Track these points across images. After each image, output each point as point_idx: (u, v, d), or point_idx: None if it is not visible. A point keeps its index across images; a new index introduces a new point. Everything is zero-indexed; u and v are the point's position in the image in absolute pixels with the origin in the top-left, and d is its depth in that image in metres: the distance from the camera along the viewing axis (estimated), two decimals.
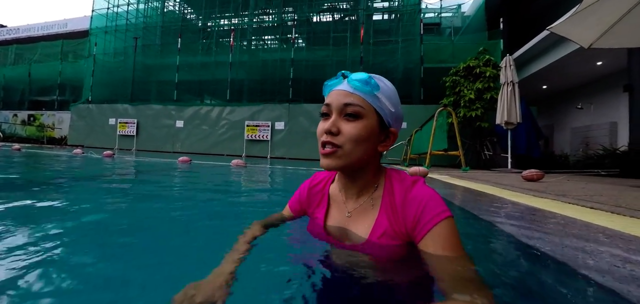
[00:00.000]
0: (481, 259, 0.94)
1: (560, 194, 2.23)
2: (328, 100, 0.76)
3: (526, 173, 3.64)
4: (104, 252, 0.90)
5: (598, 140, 9.97)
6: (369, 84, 0.73)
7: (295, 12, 14.29)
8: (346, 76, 0.77)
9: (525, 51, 10.25)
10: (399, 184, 0.76)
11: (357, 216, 0.80)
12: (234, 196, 2.44)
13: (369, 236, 0.76)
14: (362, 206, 0.80)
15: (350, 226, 0.81)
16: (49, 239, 0.95)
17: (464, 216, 1.65)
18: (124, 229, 1.18)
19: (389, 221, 0.74)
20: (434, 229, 0.67)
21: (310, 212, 0.93)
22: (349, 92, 0.74)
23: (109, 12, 15.95)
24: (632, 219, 1.33)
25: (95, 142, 13.99)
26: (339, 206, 0.85)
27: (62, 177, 3.09)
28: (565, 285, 0.71)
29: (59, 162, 4.89)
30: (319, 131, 0.76)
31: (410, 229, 0.70)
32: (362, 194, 0.81)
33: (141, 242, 1.01)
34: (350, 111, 0.73)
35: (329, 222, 0.86)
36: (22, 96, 19.14)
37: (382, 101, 0.75)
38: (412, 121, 10.22)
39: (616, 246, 0.91)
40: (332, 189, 0.89)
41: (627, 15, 3.82)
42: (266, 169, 5.94)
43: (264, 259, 0.75)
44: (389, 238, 0.73)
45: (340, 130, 0.73)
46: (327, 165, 0.75)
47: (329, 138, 0.73)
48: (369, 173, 0.79)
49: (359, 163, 0.76)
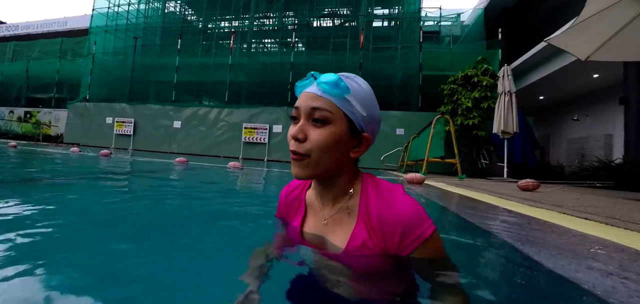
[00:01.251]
0: (475, 268, 0.94)
1: (556, 204, 2.24)
2: (297, 103, 0.72)
3: (522, 183, 3.66)
4: (103, 251, 0.89)
5: (593, 152, 10.04)
6: (338, 86, 0.68)
7: (295, 16, 14.38)
8: (316, 78, 0.72)
9: (523, 62, 10.35)
10: (375, 194, 0.71)
11: (333, 224, 0.77)
12: (232, 197, 2.43)
13: (346, 246, 0.72)
14: (338, 214, 0.76)
15: (327, 233, 0.78)
16: (40, 239, 0.93)
17: (459, 223, 1.64)
18: (121, 230, 1.17)
19: (367, 232, 0.70)
20: (415, 252, 0.65)
21: (289, 220, 0.90)
22: (317, 95, 0.69)
23: (110, 12, 15.97)
24: (626, 231, 1.33)
25: (92, 140, 13.91)
26: (315, 213, 0.82)
27: (61, 176, 3.07)
28: (559, 295, 0.71)
29: (55, 161, 4.85)
30: (288, 137, 0.73)
31: (393, 249, 0.67)
32: (338, 201, 0.77)
33: (138, 243, 0.99)
34: (317, 115, 0.69)
35: (305, 230, 0.83)
36: (19, 92, 19.06)
37: (353, 105, 0.70)
38: (410, 127, 10.27)
39: (611, 257, 0.91)
40: (308, 195, 0.86)
41: (623, 30, 3.87)
42: (263, 171, 5.93)
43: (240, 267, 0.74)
44: (368, 249, 0.69)
45: (308, 136, 0.69)
46: (295, 173, 0.72)
47: (295, 146, 0.70)
48: (344, 180, 0.75)
49: (330, 171, 0.72)
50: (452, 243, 1.11)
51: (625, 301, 0.61)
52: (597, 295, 0.64)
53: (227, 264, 0.77)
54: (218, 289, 0.63)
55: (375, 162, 10.33)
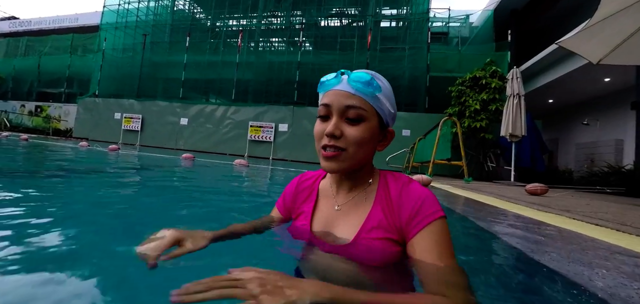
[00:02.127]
0: (483, 271, 0.94)
1: (565, 210, 2.21)
2: (327, 100, 0.73)
3: (530, 187, 3.62)
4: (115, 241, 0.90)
5: (603, 157, 9.87)
6: (371, 85, 0.71)
7: (303, 15, 14.36)
8: (346, 75, 0.74)
9: (533, 64, 10.21)
10: (394, 181, 0.76)
11: (347, 209, 0.78)
12: (238, 194, 2.45)
13: (360, 229, 0.73)
14: (354, 200, 0.78)
15: (339, 219, 0.78)
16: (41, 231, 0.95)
17: (466, 226, 1.64)
18: (128, 221, 1.19)
19: (383, 212, 0.72)
20: (428, 227, 0.66)
21: (297, 207, 0.89)
22: (351, 93, 0.71)
23: (120, 9, 16.13)
24: (638, 238, 1.31)
25: (100, 135, 14.09)
26: (328, 200, 0.83)
27: (72, 168, 3.12)
28: (570, 302, 0.70)
29: (65, 154, 4.93)
30: (318, 133, 0.74)
31: (405, 224, 0.69)
32: (354, 188, 0.79)
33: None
34: (352, 114, 0.70)
35: (316, 216, 0.83)
36: (30, 87, 19.36)
37: (382, 102, 0.74)
38: (417, 128, 10.20)
39: (623, 263, 0.90)
40: (322, 184, 0.88)
41: (637, 33, 3.80)
42: (268, 169, 5.95)
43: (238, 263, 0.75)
44: (383, 230, 0.71)
45: (343, 133, 0.71)
46: (329, 167, 0.73)
47: (332, 142, 0.71)
48: (365, 171, 0.79)
49: (360, 164, 0.75)
50: (460, 246, 1.11)
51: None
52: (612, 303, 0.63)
53: (227, 265, 0.78)
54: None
55: (381, 163, 10.29)
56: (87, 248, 0.86)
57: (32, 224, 0.99)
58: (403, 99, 12.12)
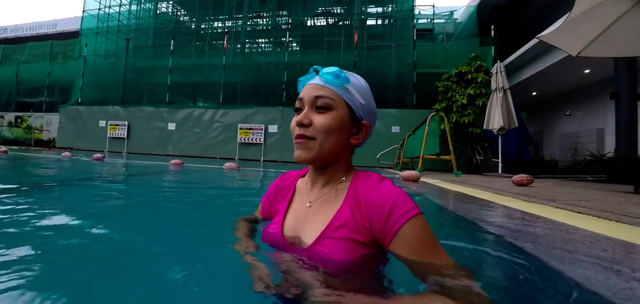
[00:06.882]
0: (470, 261, 0.95)
1: (549, 199, 2.27)
2: (301, 95, 0.78)
3: (516, 178, 3.70)
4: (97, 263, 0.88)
5: (586, 146, 10.19)
6: (339, 76, 0.75)
7: (289, 15, 14.33)
8: (318, 71, 0.78)
9: (516, 58, 10.46)
10: (365, 180, 0.75)
11: (318, 207, 0.78)
12: (227, 198, 2.42)
13: (325, 228, 0.71)
14: (325, 197, 0.78)
15: (309, 216, 0.78)
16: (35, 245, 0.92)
17: (454, 219, 1.66)
18: (113, 237, 1.16)
19: (351, 212, 0.70)
20: (403, 229, 0.64)
21: (275, 206, 0.91)
22: (320, 85, 0.76)
23: (101, 13, 15.76)
24: (617, 224, 1.35)
25: (85, 144, 13.74)
26: (302, 197, 0.84)
27: (50, 181, 3.03)
28: (552, 288, 0.72)
29: (46, 166, 4.78)
30: (292, 125, 0.77)
31: (377, 228, 0.66)
32: (327, 185, 0.80)
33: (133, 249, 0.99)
34: (320, 103, 0.74)
35: (289, 214, 0.84)
36: (9, 97, 18.73)
37: (352, 93, 0.76)
38: (406, 125, 10.31)
39: (604, 250, 0.93)
40: (299, 182, 0.89)
41: (613, 26, 3.94)
42: (259, 172, 5.91)
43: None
44: (349, 230, 0.69)
45: (312, 122, 0.74)
46: (298, 156, 0.76)
47: (301, 131, 0.74)
48: (340, 167, 0.79)
49: (331, 155, 0.76)
50: (449, 240, 1.13)
51: (618, 292, 0.62)
52: (590, 288, 0.65)
53: (227, 265, 0.77)
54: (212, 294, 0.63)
55: (372, 160, 10.36)
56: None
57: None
58: (391, 96, 12.23)
